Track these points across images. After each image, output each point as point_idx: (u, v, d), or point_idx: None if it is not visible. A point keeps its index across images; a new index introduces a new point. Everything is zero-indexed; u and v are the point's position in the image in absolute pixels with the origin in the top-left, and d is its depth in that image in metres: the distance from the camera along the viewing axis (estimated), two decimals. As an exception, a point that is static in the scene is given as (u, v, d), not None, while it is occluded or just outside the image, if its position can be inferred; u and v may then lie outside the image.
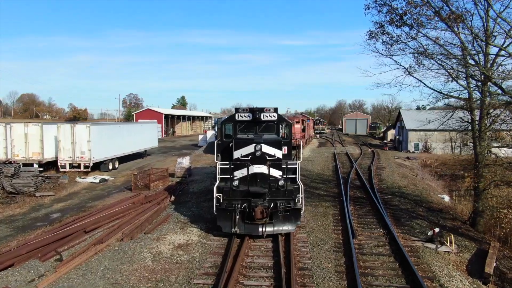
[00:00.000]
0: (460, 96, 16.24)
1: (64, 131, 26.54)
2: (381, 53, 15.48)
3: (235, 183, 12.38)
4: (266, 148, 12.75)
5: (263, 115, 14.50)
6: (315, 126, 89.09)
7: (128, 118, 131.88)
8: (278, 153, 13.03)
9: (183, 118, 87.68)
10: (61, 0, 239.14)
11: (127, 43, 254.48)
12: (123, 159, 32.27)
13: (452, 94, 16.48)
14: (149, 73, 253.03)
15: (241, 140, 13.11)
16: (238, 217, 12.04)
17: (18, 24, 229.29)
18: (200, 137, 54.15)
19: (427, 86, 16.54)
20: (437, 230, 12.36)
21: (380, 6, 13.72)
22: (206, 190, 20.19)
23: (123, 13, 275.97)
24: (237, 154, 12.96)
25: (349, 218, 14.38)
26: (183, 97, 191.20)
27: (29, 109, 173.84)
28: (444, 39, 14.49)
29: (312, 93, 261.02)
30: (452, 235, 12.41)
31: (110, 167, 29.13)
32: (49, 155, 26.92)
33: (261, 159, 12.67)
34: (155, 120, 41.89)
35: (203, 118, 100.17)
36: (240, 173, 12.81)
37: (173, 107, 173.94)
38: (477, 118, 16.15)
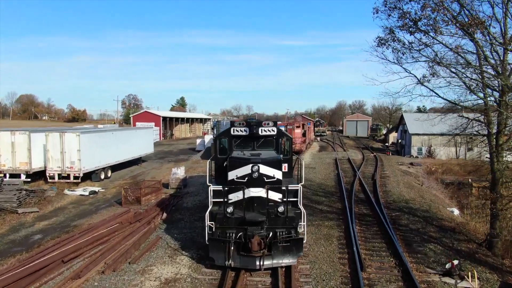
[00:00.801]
0: (476, 108, 14.92)
1: (52, 140, 25.22)
2: (390, 61, 14.16)
3: (230, 209, 11.06)
4: (264, 169, 11.44)
5: (261, 129, 13.18)
6: (315, 128, 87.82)
7: (127, 119, 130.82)
8: (278, 174, 11.70)
9: (182, 120, 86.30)
10: (61, 0, 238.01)
11: (126, 43, 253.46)
12: (116, 167, 30.95)
13: (466, 104, 15.20)
14: (148, 73, 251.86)
15: (236, 159, 11.79)
16: (232, 248, 10.73)
17: (17, 24, 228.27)
18: (198, 141, 52.86)
19: (440, 97, 15.25)
20: (455, 262, 11.04)
21: (390, 10, 12.43)
22: (201, 205, 18.87)
23: (123, 13, 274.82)
24: (232, 175, 11.65)
25: (356, 244, 13.05)
26: (182, 98, 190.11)
27: (28, 110, 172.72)
28: (459, 46, 13.18)
29: (312, 93, 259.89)
30: (475, 270, 11.07)
31: (102, 176, 27.82)
32: (37, 165, 25.61)
33: (258, 181, 11.37)
34: (152, 125, 40.59)
35: (202, 120, 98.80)
36: (235, 197, 11.50)
37: (173, 108, 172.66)
38: (495, 131, 14.82)
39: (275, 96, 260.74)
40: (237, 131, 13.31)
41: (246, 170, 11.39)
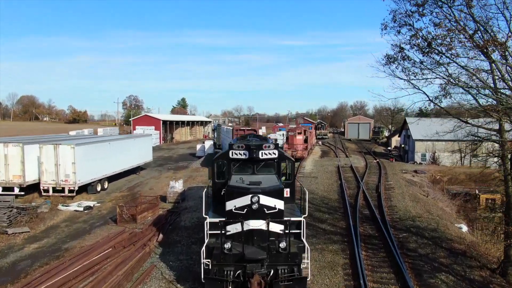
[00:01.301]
0: (490, 127, 14.07)
1: (46, 152, 24.48)
2: (399, 77, 13.28)
3: (227, 245, 10.26)
4: (265, 200, 10.63)
5: (262, 152, 12.38)
6: (316, 131, 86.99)
7: (128, 120, 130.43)
8: (279, 204, 10.90)
9: (182, 123, 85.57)
10: (61, 1, 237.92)
11: (127, 43, 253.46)
12: (114, 177, 30.18)
13: (480, 123, 14.40)
14: (149, 73, 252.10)
15: (234, 189, 10.98)
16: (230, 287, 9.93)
17: (18, 25, 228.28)
18: (198, 146, 52.13)
19: (451, 115, 14.42)
20: (472, 302, 10.20)
21: (400, 26, 11.59)
22: (200, 224, 18.04)
23: (124, 14, 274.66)
24: (230, 205, 10.85)
25: (363, 276, 12.23)
26: (183, 99, 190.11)
27: (29, 111, 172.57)
28: (473, 65, 12.33)
29: (313, 94, 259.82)
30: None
31: (99, 188, 27.04)
32: (31, 178, 24.85)
33: (258, 212, 10.57)
34: (152, 129, 39.76)
35: (202, 123, 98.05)
36: (233, 228, 10.72)
37: (174, 109, 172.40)
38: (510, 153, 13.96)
39: (276, 96, 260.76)
40: (236, 154, 12.52)
41: (245, 200, 10.60)
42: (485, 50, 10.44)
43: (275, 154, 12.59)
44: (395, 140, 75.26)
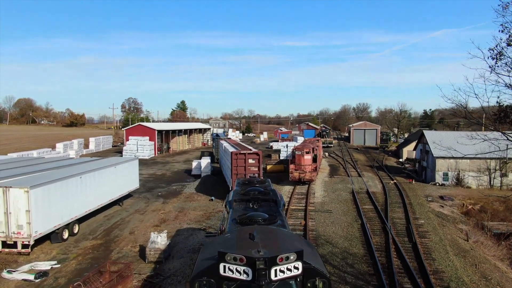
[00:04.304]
0: None
1: (-6, 197, 19.25)
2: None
3: None
4: None
5: (276, 271, 7.19)
6: (321, 138, 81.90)
7: (126, 122, 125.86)
8: None
9: (179, 131, 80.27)
10: (61, 2, 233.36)
11: (129, 44, 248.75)
12: (88, 215, 24.94)
13: None
14: (150, 75, 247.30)
15: None
16: None
17: (18, 26, 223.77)
18: (194, 164, 46.92)
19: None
20: None
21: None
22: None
23: (125, 15, 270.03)
24: None
25: None
26: (183, 102, 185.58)
27: (26, 114, 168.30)
28: None
29: (314, 94, 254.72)
30: None
31: (65, 235, 21.79)
32: (-22, 227, 19.67)
33: None
34: (136, 158, 34.53)
35: (201, 131, 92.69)
36: None
37: (173, 112, 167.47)
38: None
39: (277, 97, 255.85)
40: (231, 271, 7.31)
41: None
42: None
43: (297, 269, 7.41)
44: (407, 151, 70.05)
